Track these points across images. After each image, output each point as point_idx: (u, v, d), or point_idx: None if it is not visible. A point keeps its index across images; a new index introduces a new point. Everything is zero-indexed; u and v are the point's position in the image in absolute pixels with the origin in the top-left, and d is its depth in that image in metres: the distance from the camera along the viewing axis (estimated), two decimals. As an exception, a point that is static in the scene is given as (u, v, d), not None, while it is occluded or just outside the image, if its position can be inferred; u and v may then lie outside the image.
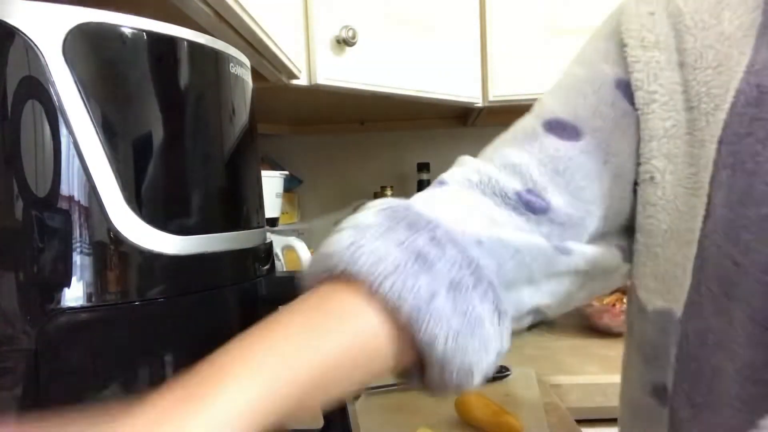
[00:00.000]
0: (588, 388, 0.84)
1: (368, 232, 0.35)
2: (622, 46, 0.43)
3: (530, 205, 0.41)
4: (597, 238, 0.44)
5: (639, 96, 0.42)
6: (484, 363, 0.36)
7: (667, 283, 0.41)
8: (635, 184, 0.43)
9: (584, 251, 0.42)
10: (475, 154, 0.46)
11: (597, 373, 0.85)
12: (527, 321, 0.43)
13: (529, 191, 0.41)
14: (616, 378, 0.87)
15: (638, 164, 0.43)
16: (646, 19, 0.43)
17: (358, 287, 0.33)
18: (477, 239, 0.38)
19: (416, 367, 0.36)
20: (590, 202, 0.42)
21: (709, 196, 0.38)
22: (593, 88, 0.43)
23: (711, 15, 0.40)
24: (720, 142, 0.37)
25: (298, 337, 0.31)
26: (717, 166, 0.37)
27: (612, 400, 0.85)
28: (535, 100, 0.47)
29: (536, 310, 0.42)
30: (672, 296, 0.41)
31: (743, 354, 0.35)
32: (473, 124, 1.41)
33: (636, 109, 0.42)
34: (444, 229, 0.36)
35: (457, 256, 0.35)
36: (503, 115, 1.35)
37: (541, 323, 1.14)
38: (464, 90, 1.11)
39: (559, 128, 0.43)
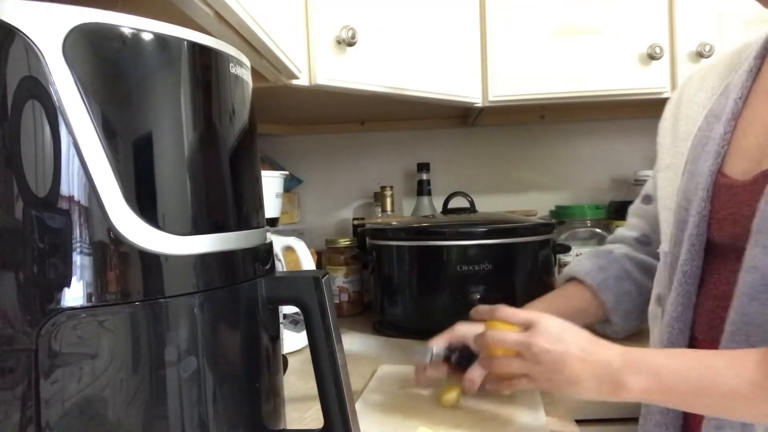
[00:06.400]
0: (588, 388, 0.83)
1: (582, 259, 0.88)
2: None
3: (642, 242, 0.85)
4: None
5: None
6: None
7: (663, 234, 0.71)
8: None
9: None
10: (475, 154, 0.46)
11: (597, 373, 0.85)
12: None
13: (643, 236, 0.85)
14: (616, 378, 0.87)
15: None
16: None
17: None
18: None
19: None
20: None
21: (681, 180, 0.68)
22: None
23: None
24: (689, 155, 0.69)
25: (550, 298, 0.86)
26: (687, 160, 0.68)
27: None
28: (535, 100, 0.47)
29: None
30: (665, 241, 0.70)
31: (672, 251, 0.67)
32: (473, 124, 1.41)
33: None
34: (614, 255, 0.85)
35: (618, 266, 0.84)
36: (503, 115, 1.37)
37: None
38: (464, 90, 1.11)
39: (647, 200, 0.83)
